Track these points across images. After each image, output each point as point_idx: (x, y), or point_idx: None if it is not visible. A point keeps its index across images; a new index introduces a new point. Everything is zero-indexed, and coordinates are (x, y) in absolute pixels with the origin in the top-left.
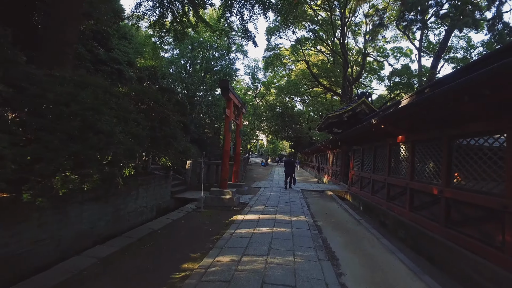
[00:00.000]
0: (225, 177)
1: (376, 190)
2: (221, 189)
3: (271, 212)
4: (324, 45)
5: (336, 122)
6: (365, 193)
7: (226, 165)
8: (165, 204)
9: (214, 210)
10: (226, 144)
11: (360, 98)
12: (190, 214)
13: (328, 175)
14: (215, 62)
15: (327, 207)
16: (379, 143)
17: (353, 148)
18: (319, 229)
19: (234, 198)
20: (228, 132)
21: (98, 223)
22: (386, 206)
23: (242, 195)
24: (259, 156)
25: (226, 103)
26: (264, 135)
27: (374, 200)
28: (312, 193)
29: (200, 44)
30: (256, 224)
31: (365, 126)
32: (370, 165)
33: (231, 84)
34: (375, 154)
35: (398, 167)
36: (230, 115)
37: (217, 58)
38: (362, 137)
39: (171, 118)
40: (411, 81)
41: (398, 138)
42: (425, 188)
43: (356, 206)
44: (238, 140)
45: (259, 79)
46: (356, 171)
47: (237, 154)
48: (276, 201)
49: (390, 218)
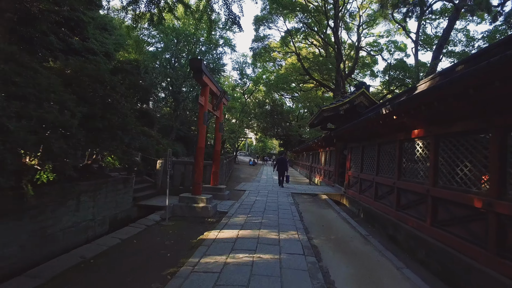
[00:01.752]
0: (198, 180)
1: (381, 196)
2: (193, 195)
3: (255, 225)
4: (316, 37)
5: (331, 116)
6: (366, 198)
7: (200, 165)
8: (123, 214)
9: (183, 223)
10: (200, 140)
11: (358, 89)
12: (150, 229)
13: (320, 175)
14: (202, 56)
15: (322, 216)
16: (385, 139)
17: (350, 146)
18: (317, 253)
19: (209, 206)
20: (202, 125)
21: (4, 249)
22: (396, 217)
23: (222, 201)
24: (248, 154)
25: (201, 90)
26: (253, 133)
27: (379, 207)
28: (304, 196)
29: (186, 37)
30: (232, 247)
31: (370, 119)
32: (372, 165)
33: (205, 65)
34: (380, 153)
35: (413, 168)
36: (205, 103)
37: (204, 52)
38: (364, 133)
39: (122, 104)
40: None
41: (414, 133)
42: (459, 198)
43: (354, 212)
44: (217, 135)
45: (248, 75)
46: (354, 172)
47: (216, 152)
48: (261, 209)
49: (402, 232)
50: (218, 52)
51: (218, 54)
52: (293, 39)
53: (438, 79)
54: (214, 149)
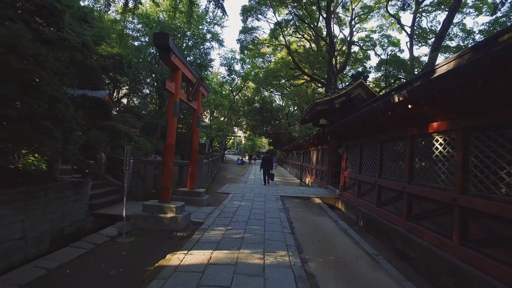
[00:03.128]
0: (166, 184)
1: (385, 201)
2: (160, 203)
3: (234, 242)
4: (307, 30)
5: (325, 110)
6: (366, 203)
7: (169, 166)
8: (74, 227)
9: (144, 239)
10: (170, 135)
11: (356, 80)
12: (98, 250)
13: (311, 175)
14: (189, 52)
15: (317, 225)
16: (391, 135)
17: (346, 144)
18: (314, 286)
19: (179, 217)
20: (173, 117)
21: None
22: (407, 228)
23: (199, 207)
24: (237, 153)
25: (171, 74)
26: (242, 131)
27: (383, 215)
28: (295, 200)
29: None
30: (198, 282)
31: (376, 110)
32: (373, 165)
33: (174, 43)
34: (383, 151)
35: (430, 170)
36: (176, 91)
37: (191, 47)
38: (364, 128)
39: (53, 86)
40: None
41: (432, 126)
42: (501, 211)
43: (352, 219)
44: (195, 131)
45: (236, 71)
46: (350, 172)
47: (193, 151)
48: (245, 217)
49: (416, 249)
50: (205, 47)
51: (205, 49)
52: (283, 32)
53: (470, 55)
54: (191, 147)
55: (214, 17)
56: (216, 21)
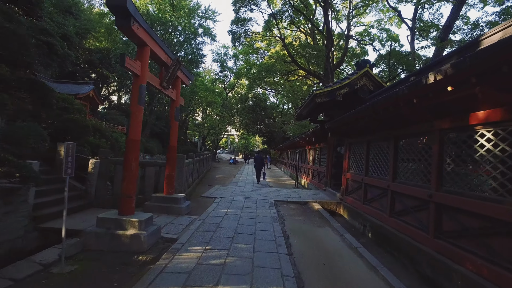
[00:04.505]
0: (128, 191)
1: (401, 211)
2: (119, 216)
3: (211, 273)
4: (303, 22)
5: (326, 103)
6: (375, 211)
7: (131, 167)
8: (5, 248)
9: (92, 266)
10: (133, 128)
11: (360, 68)
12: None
13: (307, 176)
14: (180, 47)
15: (320, 241)
16: (410, 130)
17: (349, 142)
18: None
19: (143, 235)
20: (137, 105)
21: None
22: (437, 249)
23: (177, 217)
24: (230, 152)
25: (137, 50)
26: (235, 130)
27: (400, 228)
28: (291, 206)
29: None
30: None
31: (397, 96)
32: (385, 166)
33: (134, 5)
34: (397, 150)
35: (471, 174)
36: (143, 73)
37: (182, 42)
38: (375, 122)
39: None
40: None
41: (475, 117)
42: None
43: (357, 228)
44: (173, 125)
45: (229, 67)
46: (354, 174)
47: (171, 148)
48: (231, 231)
49: (455, 280)
50: (197, 42)
51: (197, 44)
52: (277, 24)
53: None
54: (169, 144)
55: (206, 11)
56: (208, 15)
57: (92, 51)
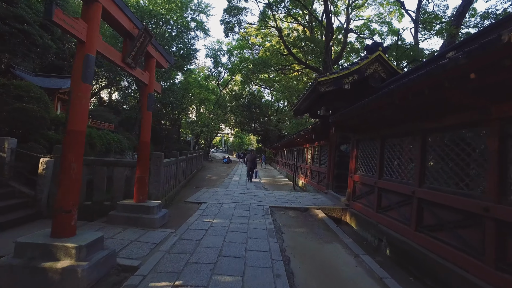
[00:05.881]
0: (65, 203)
1: (436, 226)
2: (50, 240)
3: None
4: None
5: (329, 94)
6: (395, 222)
7: (70, 170)
8: None
9: None
10: (74, 116)
11: (372, 52)
12: None
13: (305, 176)
14: (172, 41)
15: (330, 266)
16: (448, 121)
17: (357, 138)
18: None
19: (80, 270)
20: (80, 82)
21: None
22: (499, 284)
23: (148, 230)
24: (224, 151)
25: (82, 6)
26: (229, 128)
27: (434, 248)
28: (289, 213)
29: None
30: None
31: (446, 68)
32: (407, 168)
33: None
34: (428, 147)
35: None
36: (91, 38)
37: (174, 36)
38: (398, 111)
39: None
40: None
41: None
42: None
43: (370, 241)
44: (145, 116)
45: (223, 63)
46: (364, 176)
47: (143, 145)
48: (214, 253)
49: None
50: (190, 37)
51: (190, 39)
52: (274, 15)
53: None
54: (140, 139)
55: (199, 4)
56: (201, 9)
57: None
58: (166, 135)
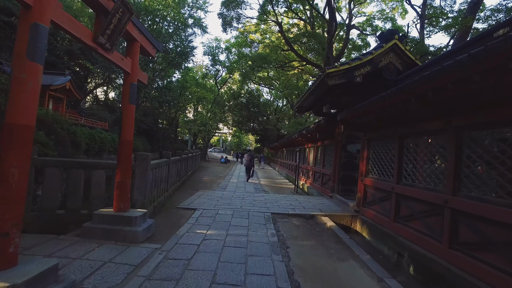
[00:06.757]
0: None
1: (476, 245)
2: None
3: None
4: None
5: (336, 88)
6: (419, 236)
7: (8, 178)
8: None
9: None
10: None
11: (386, 41)
12: None
13: (307, 178)
14: (168, 39)
15: None
16: (495, 116)
17: (368, 137)
18: None
19: None
20: (25, 60)
21: None
22: None
23: (128, 247)
24: (222, 151)
25: None
26: (227, 127)
27: (477, 271)
28: (293, 222)
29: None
30: None
31: (498, 51)
32: (435, 171)
33: None
34: (464, 147)
35: None
36: (41, 3)
37: (171, 33)
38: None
39: None
40: None
41: None
42: None
43: (386, 255)
44: (127, 110)
45: (221, 61)
46: (377, 180)
47: (124, 144)
48: (206, 280)
49: None
50: (187, 34)
51: (187, 36)
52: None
53: None
54: (121, 138)
55: (196, 0)
56: (199, 5)
57: (73, 41)
58: (163, 134)
